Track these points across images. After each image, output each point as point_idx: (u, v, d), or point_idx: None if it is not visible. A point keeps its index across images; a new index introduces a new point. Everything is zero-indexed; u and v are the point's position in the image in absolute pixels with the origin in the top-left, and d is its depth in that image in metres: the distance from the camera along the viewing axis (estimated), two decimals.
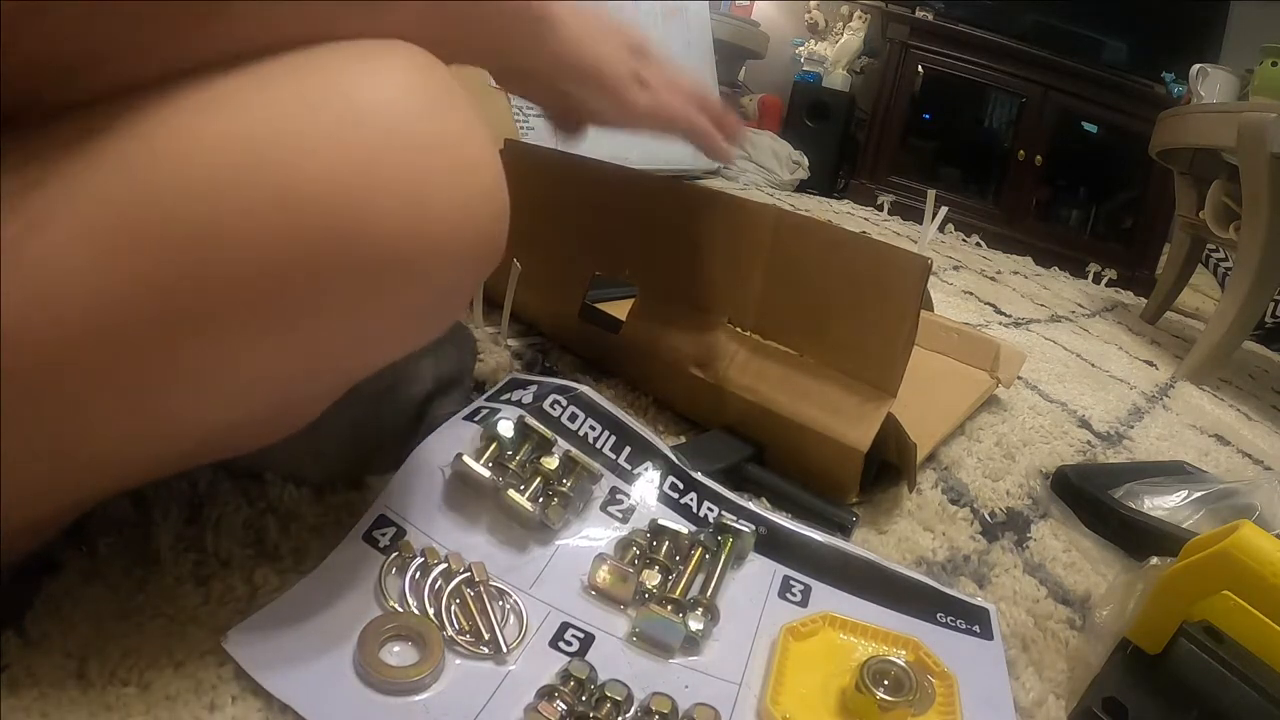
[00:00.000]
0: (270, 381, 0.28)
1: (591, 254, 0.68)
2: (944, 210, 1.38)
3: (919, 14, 2.61)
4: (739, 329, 0.60)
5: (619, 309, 0.67)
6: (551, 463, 0.45)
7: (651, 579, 0.41)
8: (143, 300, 0.24)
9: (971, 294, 1.59)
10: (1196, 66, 1.74)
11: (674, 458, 0.51)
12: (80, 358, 0.23)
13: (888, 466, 0.59)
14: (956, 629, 0.45)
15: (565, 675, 0.34)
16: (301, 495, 0.42)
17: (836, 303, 0.55)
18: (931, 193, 1.43)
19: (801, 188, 2.65)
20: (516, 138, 1.27)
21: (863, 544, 0.52)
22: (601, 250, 0.68)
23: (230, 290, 0.25)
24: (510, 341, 0.69)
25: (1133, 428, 0.96)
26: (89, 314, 0.23)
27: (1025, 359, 0.91)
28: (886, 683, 0.37)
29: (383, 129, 0.26)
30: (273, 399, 0.30)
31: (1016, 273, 2.16)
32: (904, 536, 0.55)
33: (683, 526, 0.45)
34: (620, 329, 0.65)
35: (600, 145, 0.63)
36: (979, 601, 0.48)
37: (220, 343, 0.25)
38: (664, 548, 0.43)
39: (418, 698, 0.32)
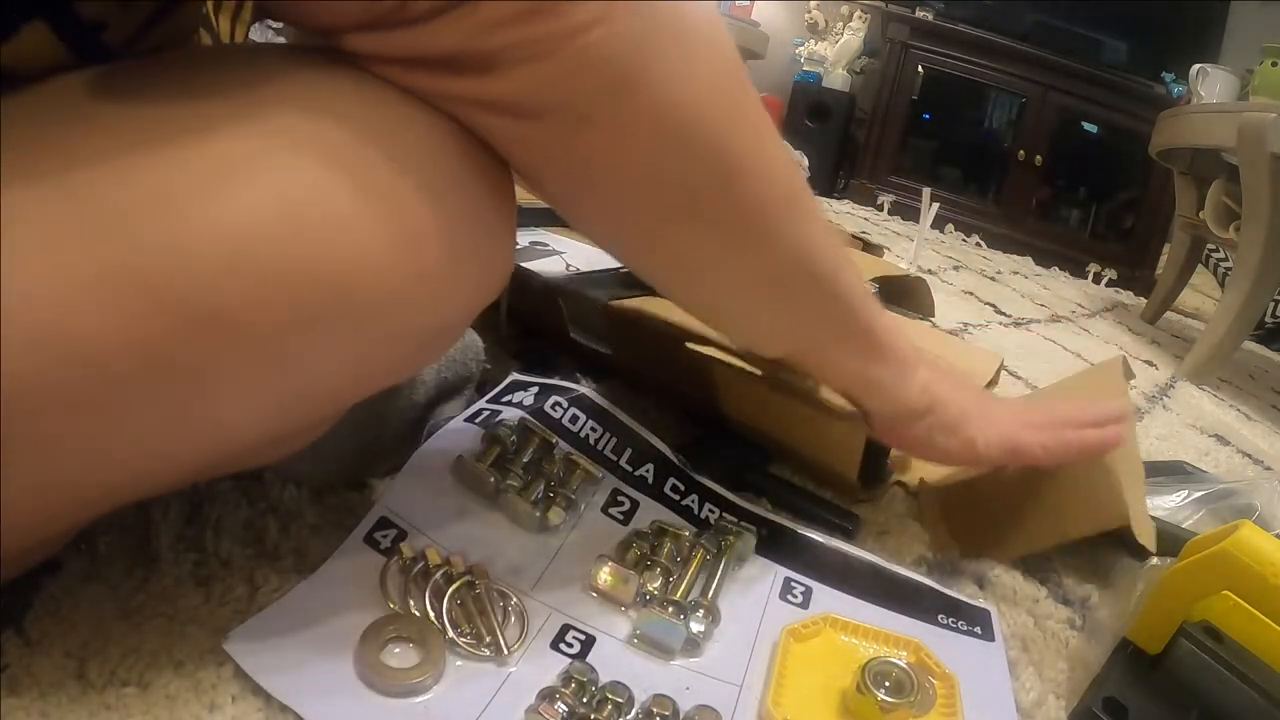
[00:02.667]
0: (268, 416, 0.28)
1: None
2: (935, 206, 1.38)
3: (919, 14, 2.61)
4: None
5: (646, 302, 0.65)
6: (553, 465, 0.45)
7: (652, 580, 0.41)
8: (144, 348, 0.23)
9: (972, 294, 1.59)
10: (1196, 66, 1.74)
11: (675, 459, 0.51)
12: (80, 398, 0.23)
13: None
14: (957, 630, 0.45)
15: (566, 677, 0.34)
16: (301, 495, 0.42)
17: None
18: (927, 190, 1.43)
19: None
20: None
21: (864, 545, 0.52)
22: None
23: (230, 344, 0.24)
24: (510, 343, 0.69)
25: None
26: (89, 355, 0.23)
27: (1001, 358, 0.91)
28: (888, 684, 0.37)
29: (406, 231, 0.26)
30: (271, 429, 0.30)
31: (1016, 273, 2.16)
32: (905, 538, 0.54)
33: (684, 528, 0.45)
34: (611, 353, 0.65)
35: None
36: (980, 603, 0.48)
37: (216, 386, 0.25)
38: (665, 549, 0.43)
39: (419, 699, 0.32)
